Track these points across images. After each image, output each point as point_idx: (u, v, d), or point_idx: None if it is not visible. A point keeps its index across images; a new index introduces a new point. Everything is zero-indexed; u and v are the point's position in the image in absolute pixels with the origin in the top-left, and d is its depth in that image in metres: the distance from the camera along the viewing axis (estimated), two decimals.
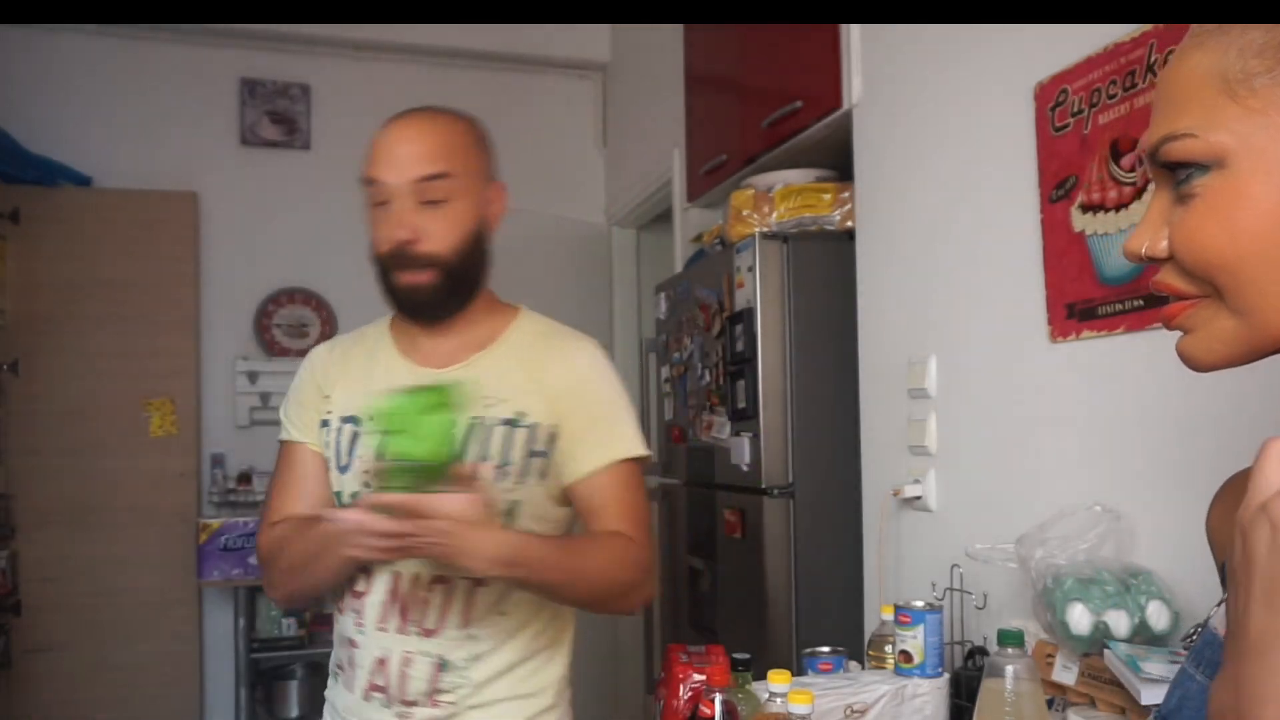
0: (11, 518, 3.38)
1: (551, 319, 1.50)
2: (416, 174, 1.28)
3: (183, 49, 3.75)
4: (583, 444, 1.34)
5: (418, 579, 1.31)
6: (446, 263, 1.30)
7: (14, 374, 3.35)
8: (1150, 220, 0.61)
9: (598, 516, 1.33)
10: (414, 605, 1.31)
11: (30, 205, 3.44)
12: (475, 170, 1.34)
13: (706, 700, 1.21)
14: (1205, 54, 0.57)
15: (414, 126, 1.34)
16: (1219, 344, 0.59)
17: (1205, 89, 0.57)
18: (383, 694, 1.32)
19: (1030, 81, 1.59)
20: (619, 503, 1.33)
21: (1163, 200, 0.61)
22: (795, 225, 2.31)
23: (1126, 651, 1.19)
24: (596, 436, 1.34)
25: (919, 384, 1.89)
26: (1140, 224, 0.62)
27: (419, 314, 1.36)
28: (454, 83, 4.04)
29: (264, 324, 3.80)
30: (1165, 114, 0.59)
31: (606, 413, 1.38)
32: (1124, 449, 1.44)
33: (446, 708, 1.30)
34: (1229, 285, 0.57)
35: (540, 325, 1.47)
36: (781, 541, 2.23)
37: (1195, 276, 0.59)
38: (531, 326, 1.46)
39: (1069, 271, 1.52)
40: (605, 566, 1.29)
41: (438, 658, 1.30)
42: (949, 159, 1.83)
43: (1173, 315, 0.61)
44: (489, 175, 1.38)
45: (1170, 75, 0.59)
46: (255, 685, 3.39)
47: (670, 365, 2.80)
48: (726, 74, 2.69)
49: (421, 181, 1.28)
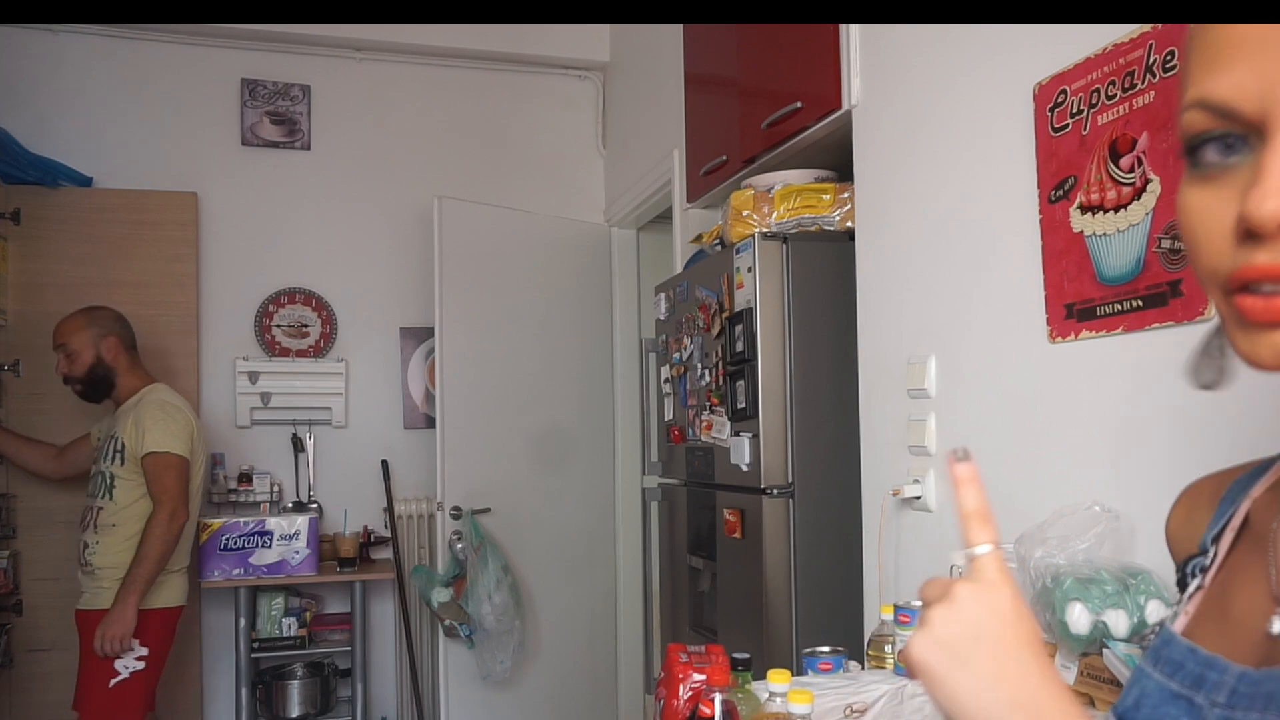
0: (12, 518, 3.38)
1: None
2: (59, 340, 3.09)
3: (183, 49, 3.75)
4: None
5: (88, 507, 2.92)
6: None
7: (14, 374, 3.36)
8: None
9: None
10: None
11: (31, 205, 3.44)
12: None
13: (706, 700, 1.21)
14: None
15: (65, 318, 3.13)
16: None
17: None
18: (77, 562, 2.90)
19: (1030, 82, 1.60)
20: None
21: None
22: (795, 225, 2.31)
23: (1125, 651, 1.19)
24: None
25: (919, 384, 1.90)
26: (1274, 179, 0.47)
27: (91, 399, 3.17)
28: (454, 83, 4.05)
29: (264, 324, 3.81)
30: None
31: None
32: (1124, 449, 1.44)
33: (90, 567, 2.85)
34: None
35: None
36: (781, 541, 2.23)
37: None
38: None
39: (1068, 271, 1.52)
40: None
41: (83, 542, 2.89)
42: (949, 159, 1.83)
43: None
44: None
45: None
46: (255, 685, 3.39)
47: (670, 365, 2.80)
48: (726, 74, 2.69)
49: None
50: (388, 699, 3.85)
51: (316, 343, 3.85)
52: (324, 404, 3.83)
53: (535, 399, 3.77)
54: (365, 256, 3.91)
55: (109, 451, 2.87)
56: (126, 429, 2.86)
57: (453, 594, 3.45)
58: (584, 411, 3.95)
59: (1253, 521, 0.62)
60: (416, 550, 3.87)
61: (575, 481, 3.90)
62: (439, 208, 3.49)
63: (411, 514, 3.86)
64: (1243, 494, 0.64)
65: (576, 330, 3.94)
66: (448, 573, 3.49)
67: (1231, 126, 0.49)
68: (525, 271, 3.75)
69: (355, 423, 3.89)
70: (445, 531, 3.50)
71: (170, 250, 3.62)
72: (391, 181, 3.95)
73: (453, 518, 3.49)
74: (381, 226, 3.93)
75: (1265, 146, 0.48)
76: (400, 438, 3.92)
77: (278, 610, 3.47)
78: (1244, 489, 0.65)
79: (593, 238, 4.08)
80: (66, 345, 2.91)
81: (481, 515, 3.53)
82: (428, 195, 3.67)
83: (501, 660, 3.47)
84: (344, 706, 3.52)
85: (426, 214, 3.63)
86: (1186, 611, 0.63)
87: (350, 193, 3.92)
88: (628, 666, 3.99)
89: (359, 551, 3.59)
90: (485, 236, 3.63)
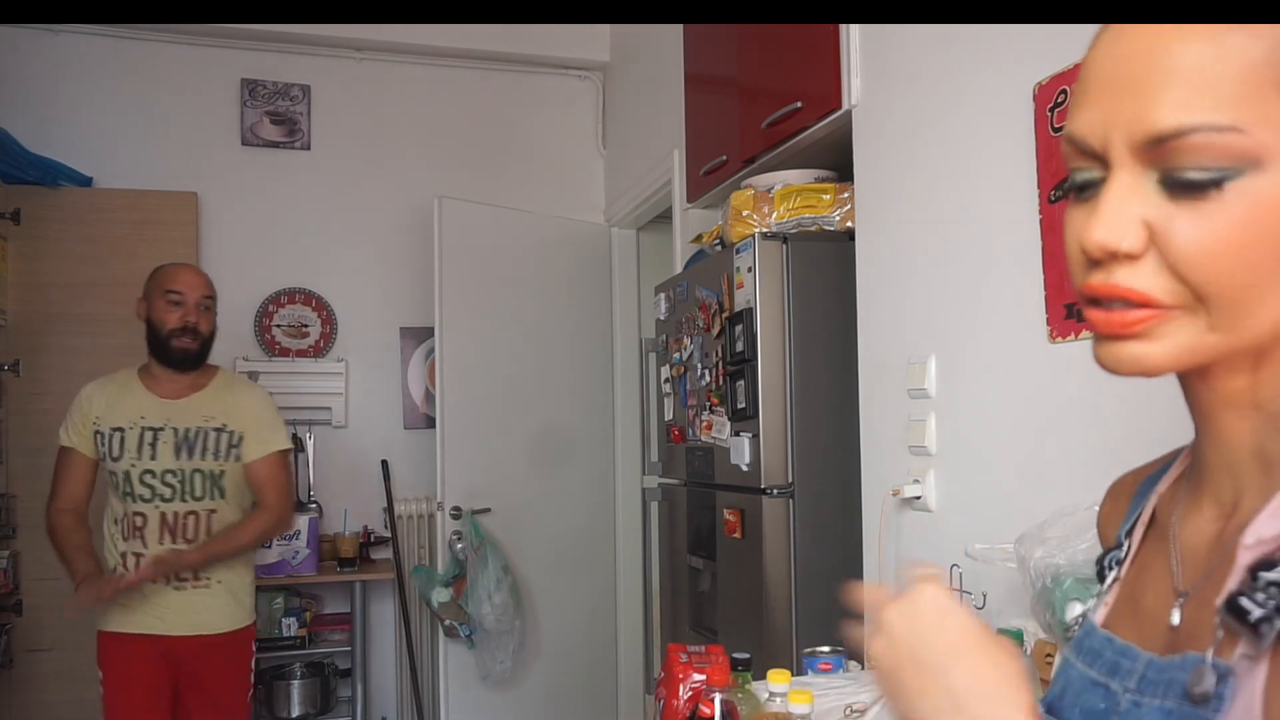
0: (12, 518, 3.38)
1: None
2: (200, 294, 2.49)
3: (183, 49, 3.75)
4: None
5: (176, 514, 2.44)
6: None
7: (14, 374, 3.36)
8: (1121, 210, 0.52)
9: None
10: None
11: (31, 205, 3.44)
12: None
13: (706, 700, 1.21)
14: (1254, 40, 0.48)
15: (189, 268, 2.61)
16: (1187, 355, 0.52)
17: (1252, 79, 0.48)
18: (164, 579, 2.40)
19: (1030, 82, 1.60)
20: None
21: (1139, 189, 0.52)
22: (795, 225, 2.31)
23: None
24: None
25: (919, 384, 1.89)
26: (1103, 212, 0.52)
27: (187, 364, 2.49)
28: (454, 83, 4.05)
29: (264, 324, 3.81)
30: (1179, 96, 0.49)
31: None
32: (1123, 448, 1.44)
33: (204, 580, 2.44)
34: (1229, 301, 0.50)
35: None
36: (781, 541, 2.23)
37: (1184, 284, 0.51)
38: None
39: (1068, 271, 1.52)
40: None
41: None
42: (949, 159, 1.83)
43: (1131, 326, 0.52)
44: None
45: (1188, 53, 0.49)
46: (255, 685, 3.39)
47: (670, 365, 2.80)
48: (726, 74, 2.69)
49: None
50: (388, 699, 3.85)
51: (316, 343, 3.85)
52: (324, 404, 3.83)
53: (535, 399, 3.77)
54: (365, 256, 3.91)
55: (216, 445, 2.46)
56: (241, 418, 2.49)
57: (453, 594, 3.45)
58: (584, 411, 3.95)
59: (1158, 516, 0.66)
60: (416, 550, 3.87)
61: (575, 481, 3.90)
62: (439, 207, 3.49)
63: (411, 514, 3.86)
64: (1151, 489, 0.68)
65: (577, 330, 3.93)
66: (448, 573, 3.49)
67: (1088, 159, 0.54)
68: (525, 271, 3.75)
69: (355, 423, 3.89)
70: (445, 531, 3.50)
71: (170, 250, 3.61)
72: (391, 181, 3.95)
73: (453, 518, 3.49)
74: (381, 226, 3.93)
75: (1106, 179, 0.53)
76: (400, 438, 3.92)
77: (278, 610, 3.47)
78: (1153, 484, 0.68)
79: (593, 238, 4.08)
80: (214, 299, 2.54)
81: (481, 515, 3.53)
82: (428, 195, 3.67)
83: (501, 660, 3.47)
84: (344, 706, 3.52)
85: (426, 214, 3.63)
86: (1106, 603, 0.66)
87: (350, 193, 3.92)
88: (628, 666, 3.99)
89: (359, 551, 3.59)
90: (485, 236, 3.63)
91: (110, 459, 2.44)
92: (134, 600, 2.39)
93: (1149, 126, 0.50)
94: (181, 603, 2.42)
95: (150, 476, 2.42)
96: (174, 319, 2.42)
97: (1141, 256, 0.52)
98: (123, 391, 2.47)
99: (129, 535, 2.43)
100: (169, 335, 2.42)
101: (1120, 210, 0.52)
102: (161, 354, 2.45)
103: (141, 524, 2.42)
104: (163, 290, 2.44)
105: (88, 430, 2.45)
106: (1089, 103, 0.54)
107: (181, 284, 2.46)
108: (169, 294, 2.43)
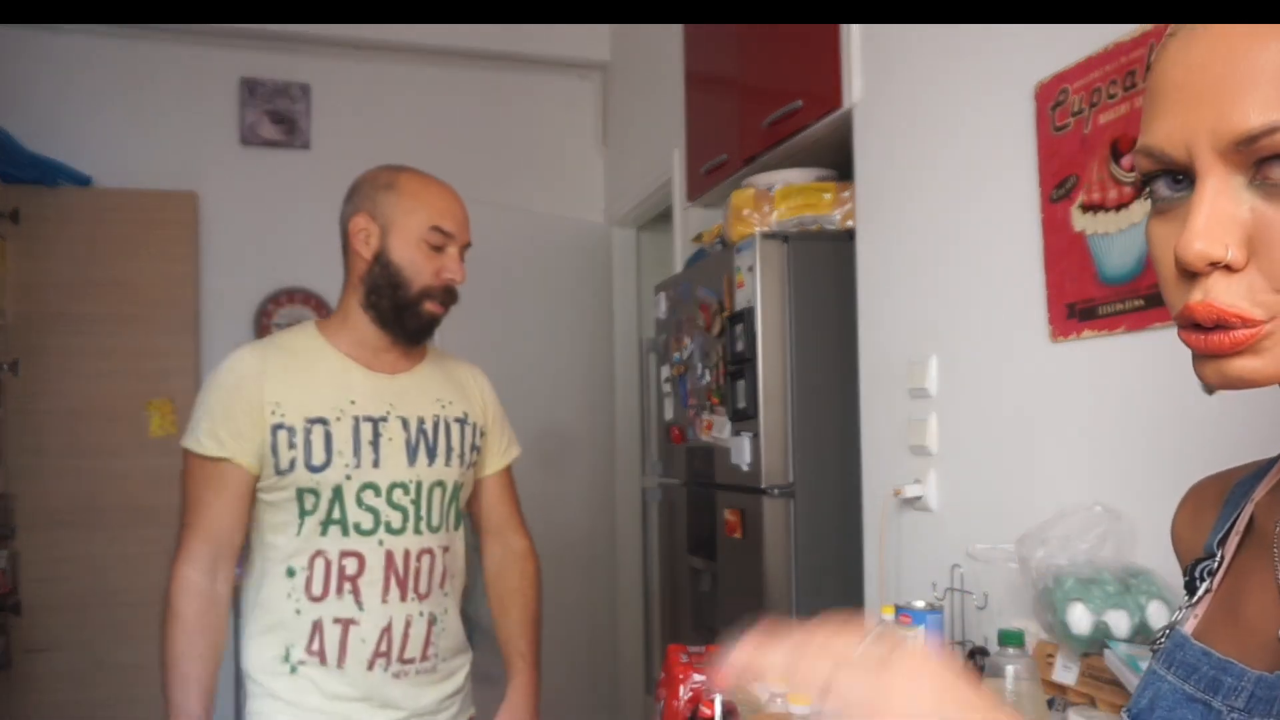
0: (11, 518, 3.37)
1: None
2: (468, 237, 1.68)
3: (183, 49, 3.75)
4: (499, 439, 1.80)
5: (408, 553, 1.56)
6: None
7: (14, 374, 3.35)
8: (1216, 216, 0.50)
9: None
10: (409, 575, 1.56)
11: (30, 205, 3.44)
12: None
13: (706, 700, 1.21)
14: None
15: (454, 194, 1.73)
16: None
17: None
18: (385, 659, 1.53)
19: (1030, 81, 1.59)
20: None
21: (1231, 193, 0.50)
22: (795, 225, 2.31)
23: (1127, 651, 1.19)
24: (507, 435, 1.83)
25: (919, 384, 1.89)
26: (1204, 223, 0.50)
27: (423, 336, 1.66)
28: (454, 83, 4.04)
29: (264, 324, 3.80)
30: (1265, 95, 0.48)
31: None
32: (1124, 449, 1.44)
33: (432, 660, 1.62)
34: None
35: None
36: (781, 541, 2.23)
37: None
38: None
39: (1069, 271, 1.52)
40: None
41: (430, 616, 1.59)
42: (949, 159, 1.83)
43: (1241, 344, 0.50)
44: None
45: (1267, 53, 0.49)
46: None
47: (670, 365, 2.80)
48: (726, 74, 2.68)
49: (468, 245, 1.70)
50: None
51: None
52: None
53: (534, 398, 3.76)
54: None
55: (461, 444, 1.65)
56: (476, 406, 1.74)
57: None
58: (584, 411, 3.94)
59: (1257, 524, 0.62)
60: None
61: (575, 482, 3.90)
62: None
63: None
64: (1246, 496, 0.64)
65: (576, 329, 3.93)
66: None
67: (1171, 168, 0.53)
68: (525, 270, 3.74)
69: None
70: None
71: (169, 250, 3.62)
72: None
73: None
74: None
75: (1195, 189, 0.51)
76: None
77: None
78: (1247, 491, 0.65)
79: (593, 237, 4.07)
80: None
81: None
82: None
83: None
84: None
85: None
86: (1196, 615, 0.63)
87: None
88: (628, 667, 3.99)
89: None
90: (484, 235, 3.60)
91: (306, 468, 1.51)
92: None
93: (1237, 127, 0.49)
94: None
95: (372, 494, 1.53)
96: (435, 271, 1.59)
97: (1244, 268, 0.50)
98: (313, 363, 1.58)
99: (333, 588, 1.52)
100: (422, 294, 1.58)
101: (1215, 216, 0.50)
102: (395, 316, 1.59)
103: (356, 570, 1.52)
104: (426, 224, 1.59)
105: (261, 425, 1.50)
106: (1164, 113, 0.52)
107: (454, 221, 1.63)
108: (435, 231, 1.59)
